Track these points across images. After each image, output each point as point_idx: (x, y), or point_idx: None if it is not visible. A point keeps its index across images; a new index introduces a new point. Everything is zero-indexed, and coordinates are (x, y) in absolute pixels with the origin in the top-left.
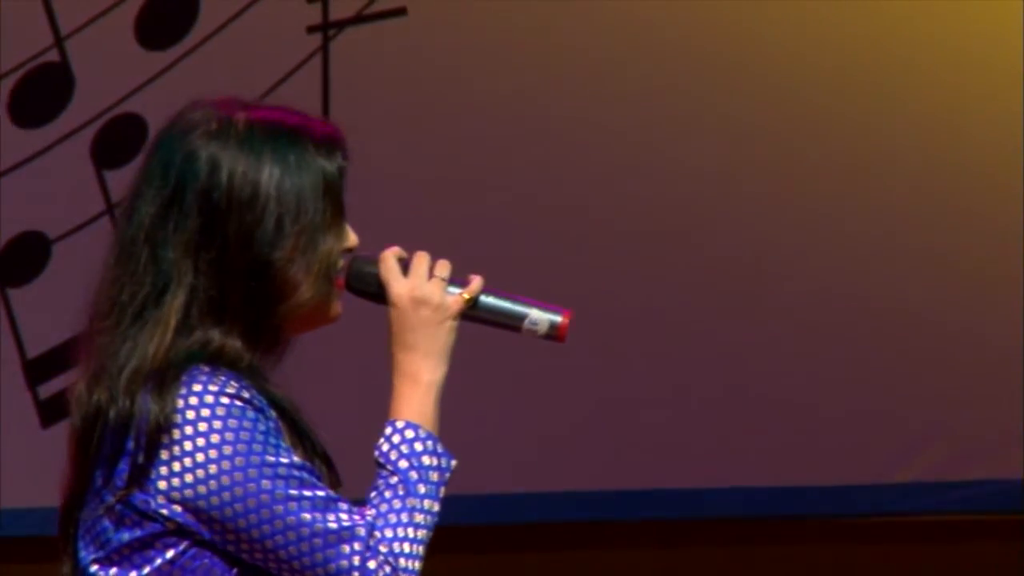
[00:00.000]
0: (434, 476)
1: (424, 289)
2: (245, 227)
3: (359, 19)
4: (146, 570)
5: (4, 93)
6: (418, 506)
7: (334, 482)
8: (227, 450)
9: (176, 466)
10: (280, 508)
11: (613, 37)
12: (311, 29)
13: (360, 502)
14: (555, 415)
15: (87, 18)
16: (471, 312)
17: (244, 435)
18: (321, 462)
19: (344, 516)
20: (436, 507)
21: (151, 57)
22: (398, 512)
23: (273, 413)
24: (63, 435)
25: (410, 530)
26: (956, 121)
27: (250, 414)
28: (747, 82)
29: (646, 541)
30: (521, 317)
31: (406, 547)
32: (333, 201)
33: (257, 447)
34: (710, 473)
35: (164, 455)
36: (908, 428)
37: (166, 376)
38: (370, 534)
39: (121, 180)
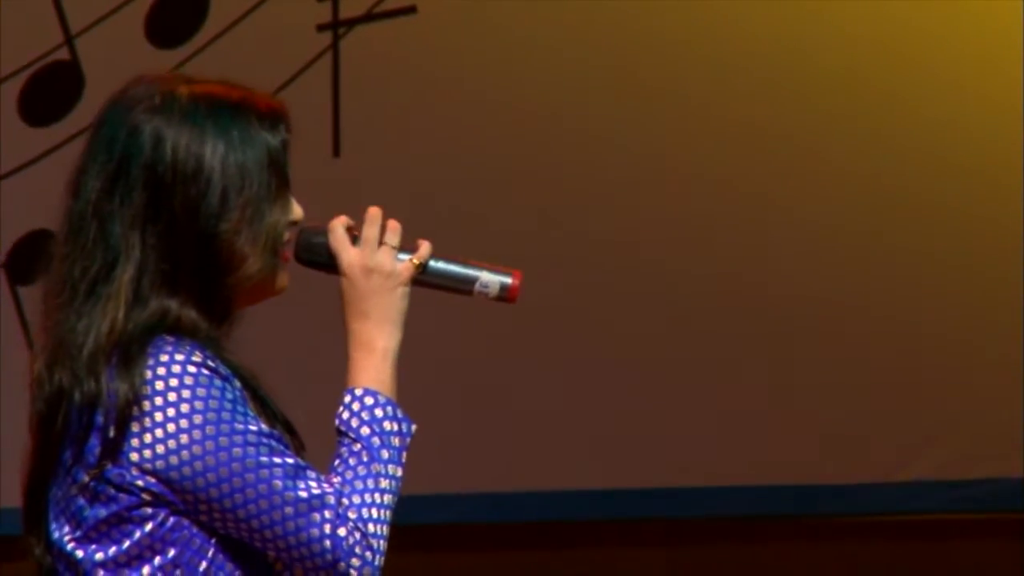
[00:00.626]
0: (396, 441)
1: (375, 257)
2: (190, 200)
3: (369, 17)
4: (126, 544)
5: (14, 91)
6: (383, 472)
7: (298, 447)
8: (197, 419)
9: (147, 437)
10: (251, 476)
11: (625, 36)
12: (321, 27)
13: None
14: (558, 416)
15: (97, 16)
16: (422, 277)
17: (213, 403)
18: (283, 428)
19: (314, 484)
20: (400, 472)
21: (161, 55)
22: (364, 479)
23: (237, 382)
24: None
25: (377, 495)
26: (956, 122)
27: (217, 382)
28: (745, 83)
29: (650, 540)
30: (472, 280)
31: (374, 512)
32: (277, 174)
33: (226, 415)
34: (713, 472)
35: (135, 427)
36: (911, 427)
37: (129, 350)
38: (339, 502)
39: None
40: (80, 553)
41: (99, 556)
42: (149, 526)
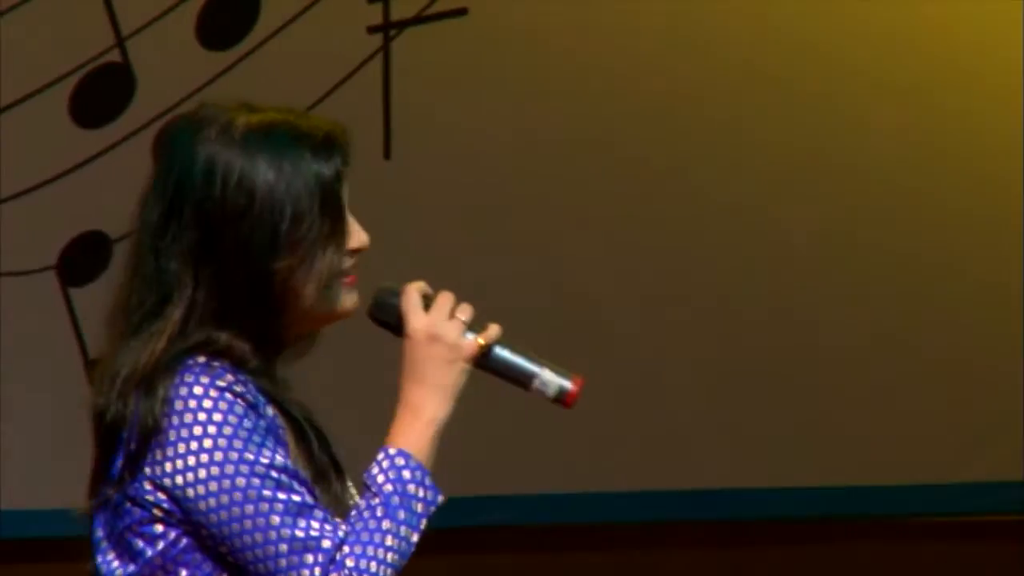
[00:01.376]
0: (418, 507)
1: (442, 327)
2: (242, 238)
3: (420, 19)
4: (139, 563)
5: (66, 93)
6: (394, 530)
7: (339, 492)
8: (207, 443)
9: (159, 454)
10: (251, 508)
11: (673, 37)
12: (372, 29)
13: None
14: (617, 416)
15: (148, 19)
16: (483, 361)
17: (227, 429)
18: (329, 467)
19: (315, 525)
20: (414, 536)
21: (212, 57)
22: (372, 532)
23: (270, 410)
24: None
25: (380, 551)
26: (957, 124)
27: (238, 408)
28: (742, 82)
29: (708, 542)
30: (531, 376)
31: (372, 566)
32: (331, 207)
33: (238, 443)
34: (744, 474)
35: (153, 443)
36: (968, 427)
37: (155, 373)
38: (338, 548)
39: None
40: (104, 568)
41: (119, 573)
42: (160, 545)
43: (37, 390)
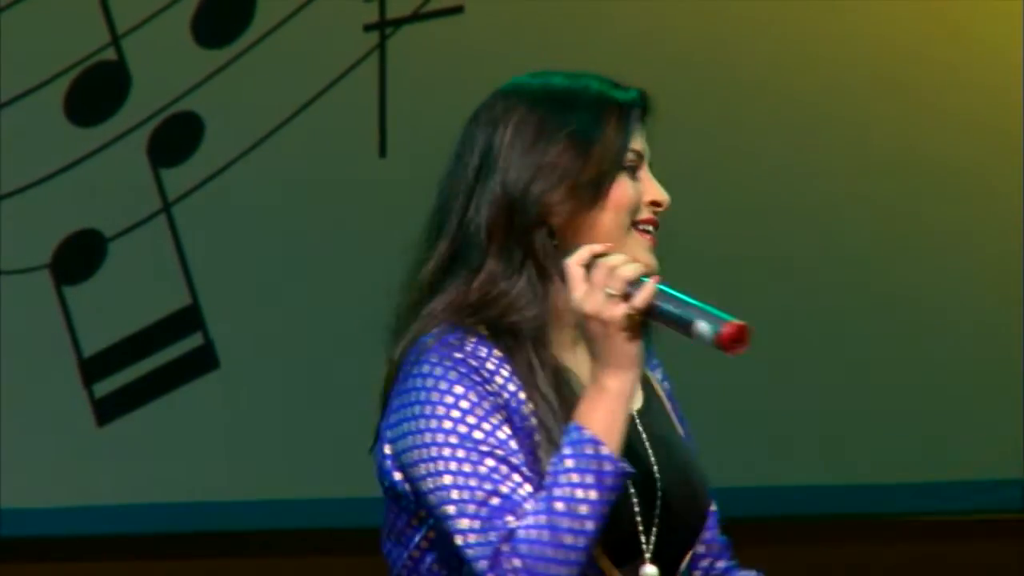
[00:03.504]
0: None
1: (586, 302)
2: None
3: (416, 17)
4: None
5: (61, 91)
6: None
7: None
8: (425, 409)
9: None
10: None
11: (670, 34)
12: (368, 27)
13: None
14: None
15: (143, 17)
16: (644, 318)
17: (436, 396)
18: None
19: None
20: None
21: (207, 55)
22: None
23: (502, 382)
24: (118, 434)
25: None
26: (957, 124)
27: (460, 382)
28: (741, 83)
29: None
30: (689, 326)
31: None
32: None
33: (440, 410)
34: (742, 472)
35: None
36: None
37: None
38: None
39: (177, 178)
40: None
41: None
42: (417, 538)
43: (30, 388)
